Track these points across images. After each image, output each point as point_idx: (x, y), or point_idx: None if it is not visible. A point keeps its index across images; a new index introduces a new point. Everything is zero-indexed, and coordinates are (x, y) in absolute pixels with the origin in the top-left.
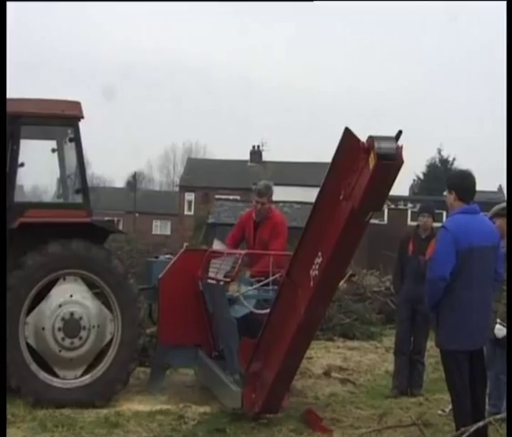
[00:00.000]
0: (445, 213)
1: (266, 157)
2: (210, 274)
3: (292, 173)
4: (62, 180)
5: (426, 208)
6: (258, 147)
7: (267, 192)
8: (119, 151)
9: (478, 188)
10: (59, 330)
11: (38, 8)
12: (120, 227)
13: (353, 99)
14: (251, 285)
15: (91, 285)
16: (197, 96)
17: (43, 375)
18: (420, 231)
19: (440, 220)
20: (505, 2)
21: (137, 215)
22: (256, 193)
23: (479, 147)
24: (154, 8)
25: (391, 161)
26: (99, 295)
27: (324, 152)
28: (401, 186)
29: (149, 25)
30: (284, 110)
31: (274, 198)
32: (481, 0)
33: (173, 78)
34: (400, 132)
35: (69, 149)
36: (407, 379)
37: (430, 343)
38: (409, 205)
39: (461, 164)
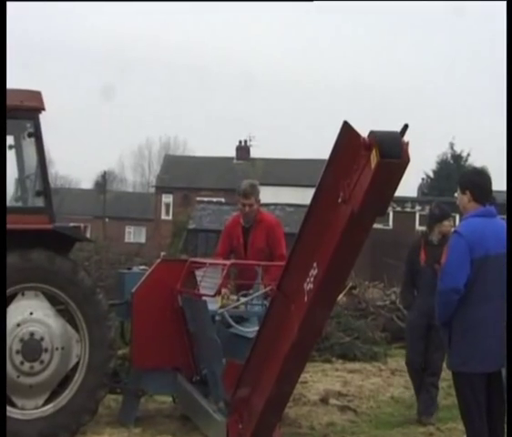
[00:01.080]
0: (458, 216)
1: (254, 153)
2: (193, 287)
3: (285, 172)
4: (20, 181)
5: (448, 212)
6: (245, 142)
7: (253, 191)
8: (87, 148)
9: (495, 187)
10: (17, 352)
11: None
12: (88, 234)
13: (356, 92)
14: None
15: (54, 301)
16: (176, 84)
17: None
18: (432, 237)
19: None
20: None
21: (107, 220)
22: (241, 194)
23: (496, 142)
24: None
25: (396, 159)
26: (64, 312)
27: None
28: (408, 186)
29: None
30: (276, 101)
31: (264, 199)
32: None
33: (149, 61)
34: (406, 126)
35: (28, 145)
36: (421, 403)
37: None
38: (417, 207)
39: (476, 160)
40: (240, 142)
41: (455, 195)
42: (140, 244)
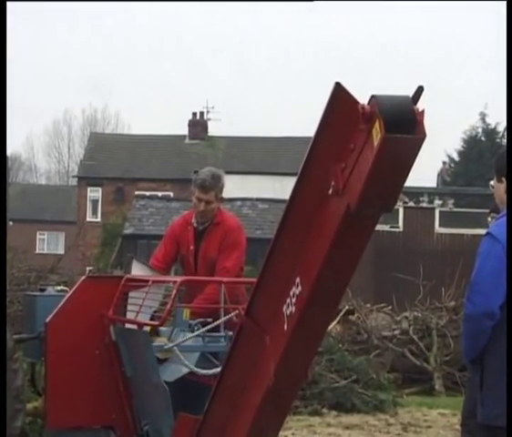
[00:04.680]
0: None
1: (214, 130)
2: (128, 314)
3: (255, 154)
4: None
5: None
6: (201, 114)
7: (215, 185)
8: None
9: None
10: None
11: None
12: None
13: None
14: (192, 330)
15: None
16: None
17: None
18: None
19: (485, 225)
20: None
21: (10, 223)
22: (198, 186)
23: None
24: None
25: (407, 134)
26: None
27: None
28: (424, 172)
29: None
30: (242, 60)
31: (227, 193)
32: None
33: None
34: (420, 89)
35: None
36: None
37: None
38: (437, 201)
39: None
40: (195, 115)
41: (491, 183)
42: (57, 256)
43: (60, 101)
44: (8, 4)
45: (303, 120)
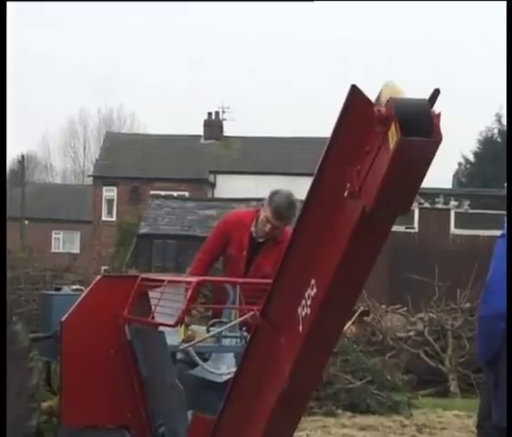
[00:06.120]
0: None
1: (229, 130)
2: (156, 316)
3: (270, 155)
4: None
5: None
6: (216, 114)
7: (291, 216)
8: None
9: None
10: None
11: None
12: None
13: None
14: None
15: None
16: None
17: None
18: None
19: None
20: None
21: (26, 222)
22: (273, 211)
23: None
24: None
25: (423, 136)
26: None
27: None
28: (440, 174)
29: None
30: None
31: (241, 193)
32: None
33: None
34: (437, 92)
35: None
36: None
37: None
38: (452, 202)
39: None
40: (210, 115)
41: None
42: (73, 255)
43: (75, 101)
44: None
45: (318, 121)
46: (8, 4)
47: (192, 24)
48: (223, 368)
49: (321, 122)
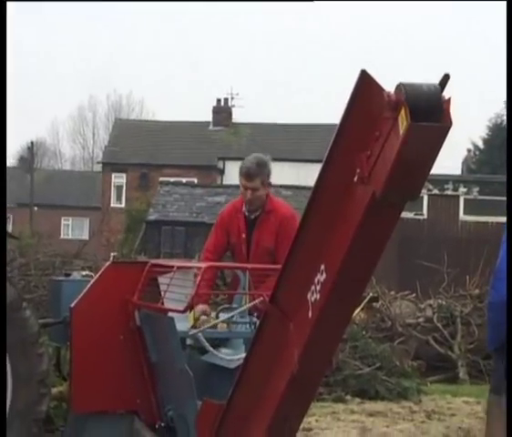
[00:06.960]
0: None
1: (238, 116)
2: (166, 302)
3: (279, 141)
4: None
5: None
6: (225, 100)
7: (260, 171)
8: (8, 111)
9: None
10: None
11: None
12: (9, 227)
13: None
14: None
15: None
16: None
17: None
18: None
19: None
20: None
21: (35, 209)
22: (243, 174)
23: None
24: None
25: (433, 122)
26: None
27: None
28: (449, 160)
29: None
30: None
31: None
32: None
33: None
34: (447, 77)
35: None
36: None
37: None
38: (461, 189)
39: None
40: (219, 101)
41: None
42: (82, 241)
43: (85, 87)
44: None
45: (328, 107)
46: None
47: (204, 10)
48: (233, 353)
49: (332, 109)
